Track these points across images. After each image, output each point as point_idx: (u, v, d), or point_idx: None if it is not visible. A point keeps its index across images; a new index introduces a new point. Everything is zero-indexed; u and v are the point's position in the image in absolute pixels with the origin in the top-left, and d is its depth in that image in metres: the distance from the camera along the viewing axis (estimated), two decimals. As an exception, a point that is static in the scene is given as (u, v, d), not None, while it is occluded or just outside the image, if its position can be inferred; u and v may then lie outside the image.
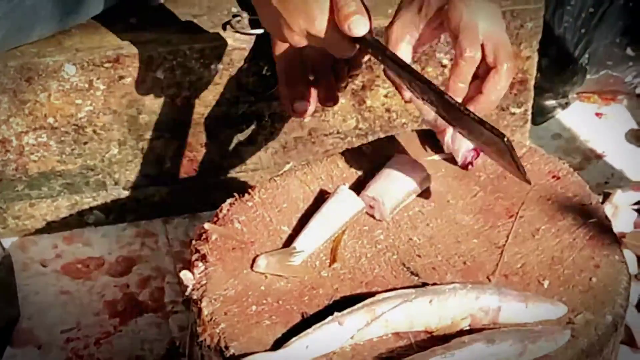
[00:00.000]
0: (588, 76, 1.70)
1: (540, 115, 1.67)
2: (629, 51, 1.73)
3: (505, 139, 0.93)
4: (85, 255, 1.41)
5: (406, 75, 1.02)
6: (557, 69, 1.66)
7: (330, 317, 0.89)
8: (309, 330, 0.88)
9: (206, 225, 1.00)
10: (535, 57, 1.47)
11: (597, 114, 1.73)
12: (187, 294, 0.95)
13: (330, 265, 0.97)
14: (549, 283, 0.96)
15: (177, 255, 1.41)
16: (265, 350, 0.88)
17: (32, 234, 1.42)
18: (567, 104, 1.72)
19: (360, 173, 1.09)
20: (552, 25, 1.63)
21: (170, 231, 1.44)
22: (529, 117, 1.53)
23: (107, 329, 1.31)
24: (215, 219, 1.02)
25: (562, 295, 0.94)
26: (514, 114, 1.51)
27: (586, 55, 1.68)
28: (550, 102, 1.70)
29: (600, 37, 1.68)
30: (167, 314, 1.33)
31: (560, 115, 1.71)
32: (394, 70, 1.04)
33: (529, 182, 0.99)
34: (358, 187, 1.05)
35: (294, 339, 0.87)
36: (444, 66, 1.41)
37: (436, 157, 1.11)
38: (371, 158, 1.11)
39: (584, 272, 0.97)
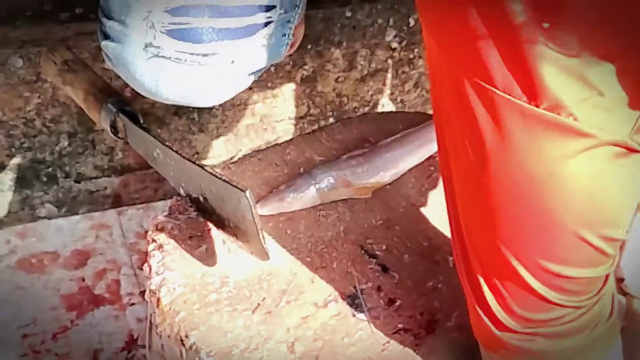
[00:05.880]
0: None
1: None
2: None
3: (248, 192, 0.87)
4: (39, 249, 1.39)
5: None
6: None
7: None
8: None
9: (161, 217, 1.00)
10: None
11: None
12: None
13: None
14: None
15: (132, 246, 1.40)
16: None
17: (-17, 229, 1.41)
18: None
19: (315, 158, 1.09)
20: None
21: (125, 223, 1.43)
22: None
23: (64, 323, 1.30)
24: (170, 209, 1.01)
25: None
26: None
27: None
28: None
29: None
30: (124, 306, 1.32)
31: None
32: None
33: (266, 257, 0.90)
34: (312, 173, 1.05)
35: None
36: (393, 49, 1.42)
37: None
38: (325, 143, 1.11)
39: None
